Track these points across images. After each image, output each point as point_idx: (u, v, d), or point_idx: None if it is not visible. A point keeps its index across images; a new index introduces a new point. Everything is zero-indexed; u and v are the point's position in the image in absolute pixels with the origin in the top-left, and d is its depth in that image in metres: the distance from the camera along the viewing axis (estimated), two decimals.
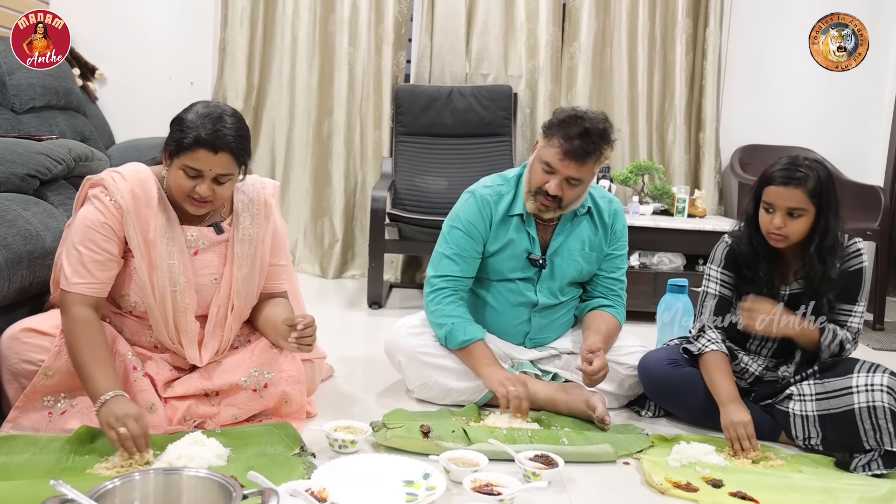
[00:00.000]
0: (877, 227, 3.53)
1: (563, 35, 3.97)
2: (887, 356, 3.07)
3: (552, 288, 2.20)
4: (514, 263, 2.18)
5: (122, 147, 3.54)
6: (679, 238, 3.44)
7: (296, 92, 3.96)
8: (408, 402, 2.17)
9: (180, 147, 1.70)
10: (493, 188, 2.19)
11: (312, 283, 3.80)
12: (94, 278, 1.72)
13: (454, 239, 2.17)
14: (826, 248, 1.88)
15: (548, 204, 2.06)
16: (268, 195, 1.95)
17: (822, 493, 1.66)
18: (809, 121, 4.01)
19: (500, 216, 2.16)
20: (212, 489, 1.32)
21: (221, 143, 1.69)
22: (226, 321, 1.87)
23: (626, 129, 4.00)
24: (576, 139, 1.97)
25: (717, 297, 2.05)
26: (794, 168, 1.86)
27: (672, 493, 1.65)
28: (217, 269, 1.86)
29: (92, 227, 1.72)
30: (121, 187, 1.74)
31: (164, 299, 1.78)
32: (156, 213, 1.76)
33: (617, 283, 2.25)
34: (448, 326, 2.10)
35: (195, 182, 1.72)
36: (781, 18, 3.98)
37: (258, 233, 1.90)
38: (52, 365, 1.71)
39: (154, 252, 1.76)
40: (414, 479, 1.60)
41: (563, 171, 2.01)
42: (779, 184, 1.86)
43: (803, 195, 1.85)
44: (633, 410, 2.20)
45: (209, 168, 1.70)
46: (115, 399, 1.59)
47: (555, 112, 2.10)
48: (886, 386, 1.81)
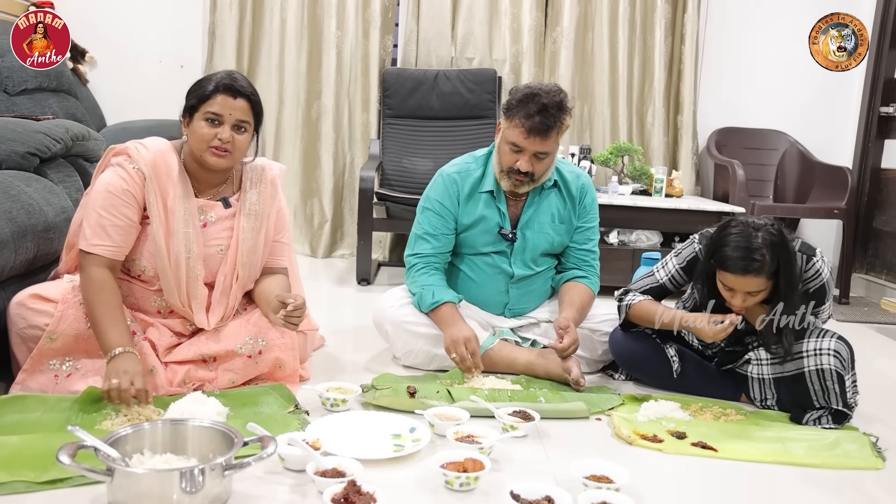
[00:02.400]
0: (843, 206, 3.68)
1: (545, 20, 4.08)
2: (851, 327, 3.23)
3: (525, 260, 2.32)
4: (486, 238, 2.30)
5: (113, 129, 3.60)
6: (657, 217, 3.58)
7: (285, 75, 4.04)
8: (395, 368, 2.29)
9: (202, 98, 1.85)
10: (460, 166, 2.30)
11: (303, 263, 3.88)
12: (113, 241, 1.83)
13: (426, 219, 2.29)
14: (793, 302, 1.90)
15: (521, 180, 2.18)
16: (275, 175, 2.08)
17: (775, 442, 1.81)
18: (782, 105, 4.16)
19: (467, 192, 2.27)
20: (215, 437, 1.44)
21: (240, 89, 1.86)
22: (231, 289, 1.99)
23: (606, 112, 4.12)
24: (536, 115, 2.07)
25: (660, 286, 2.15)
26: (749, 258, 1.80)
27: (639, 443, 1.78)
28: (224, 241, 1.98)
29: (114, 193, 1.83)
30: (144, 156, 1.87)
31: (179, 265, 1.89)
32: (175, 183, 1.88)
33: (589, 255, 2.37)
34: (419, 292, 2.23)
35: (217, 129, 1.84)
36: (757, 5, 4.11)
37: (264, 209, 2.02)
38: (56, 329, 1.82)
39: (172, 219, 1.88)
40: (401, 433, 1.73)
41: (529, 147, 2.11)
42: (737, 274, 1.83)
43: (762, 280, 1.84)
44: (606, 374, 2.34)
45: (229, 112, 1.85)
46: (122, 355, 1.71)
47: (510, 92, 2.19)
48: (833, 350, 1.93)
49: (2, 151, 2.18)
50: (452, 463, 1.51)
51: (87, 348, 1.84)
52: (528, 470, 1.63)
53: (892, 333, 3.21)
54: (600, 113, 4.12)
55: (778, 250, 1.83)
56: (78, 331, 1.83)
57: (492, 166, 2.26)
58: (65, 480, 1.40)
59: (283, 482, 1.49)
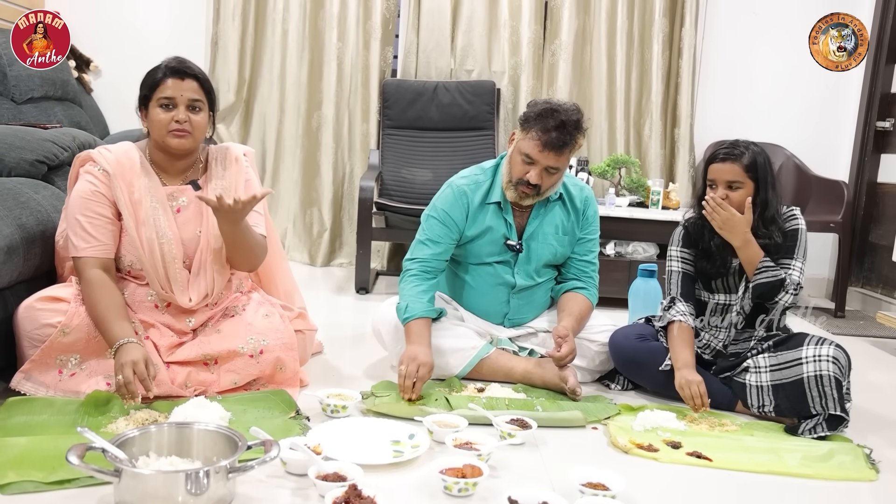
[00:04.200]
0: (840, 220, 3.72)
1: (544, 33, 4.13)
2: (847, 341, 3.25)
3: (528, 270, 2.35)
4: (492, 248, 2.33)
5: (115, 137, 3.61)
6: (653, 228, 3.61)
7: (286, 85, 4.09)
8: (393, 375, 2.29)
9: (153, 86, 1.94)
10: (470, 178, 2.33)
11: (301, 271, 3.94)
12: (98, 241, 1.91)
13: (429, 226, 2.31)
14: (767, 219, 2.13)
15: (528, 192, 2.21)
16: (238, 153, 2.14)
17: (769, 452, 1.84)
18: (779, 118, 4.20)
19: (476, 204, 2.30)
20: (219, 440, 1.47)
21: (186, 69, 1.95)
22: (208, 266, 2.03)
23: (604, 125, 4.17)
24: (553, 131, 2.11)
25: (681, 273, 2.26)
26: (732, 147, 2.14)
27: (634, 452, 1.81)
28: (199, 224, 2.03)
29: (86, 197, 1.93)
30: (107, 157, 1.97)
31: (153, 250, 1.96)
32: (139, 175, 1.97)
33: (589, 266, 2.41)
34: (400, 303, 2.23)
35: (172, 113, 1.92)
36: (754, 19, 4.17)
37: (230, 183, 2.08)
38: (70, 323, 1.86)
39: (139, 210, 1.96)
40: (400, 439, 1.76)
41: (542, 161, 2.16)
42: (719, 161, 2.13)
43: (739, 169, 2.10)
44: (603, 384, 2.37)
45: (181, 94, 1.93)
46: (127, 345, 1.77)
47: (529, 105, 2.24)
48: (832, 356, 1.99)
49: (11, 159, 2.22)
50: (451, 469, 1.54)
51: (95, 349, 1.89)
52: (526, 477, 1.66)
53: (888, 347, 3.24)
54: (598, 125, 4.16)
55: (756, 151, 2.13)
56: (89, 329, 1.88)
57: (500, 178, 2.29)
58: (73, 481, 1.43)
59: (286, 485, 1.52)
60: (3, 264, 1.86)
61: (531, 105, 2.22)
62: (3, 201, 1.97)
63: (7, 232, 1.89)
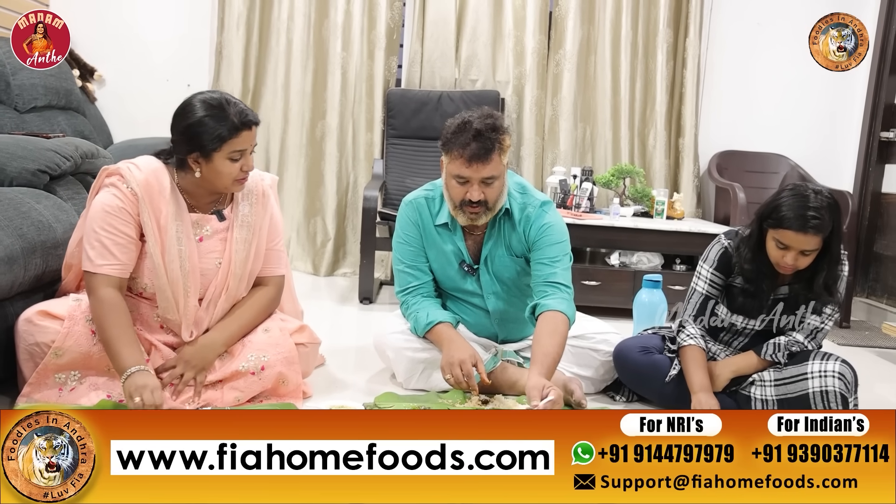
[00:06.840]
0: (844, 231, 3.69)
1: (549, 43, 4.13)
2: (852, 351, 3.24)
3: (498, 293, 2.26)
4: (451, 272, 2.27)
5: (120, 147, 3.63)
6: (658, 239, 3.59)
7: (290, 95, 4.09)
8: (397, 387, 2.30)
9: (221, 140, 1.84)
10: (422, 193, 2.28)
11: (305, 281, 3.92)
12: (117, 260, 1.85)
13: (402, 253, 2.29)
14: (829, 281, 2.00)
15: (476, 211, 2.11)
16: (266, 186, 2.10)
17: None
18: (783, 128, 4.19)
19: (427, 221, 2.25)
20: None
21: (253, 118, 1.90)
22: (218, 300, 2.01)
23: (608, 135, 4.16)
24: (472, 142, 2.02)
25: (704, 296, 2.15)
26: (808, 216, 1.88)
27: None
28: (221, 255, 2.00)
29: (111, 213, 1.86)
30: (136, 176, 1.89)
31: (176, 281, 1.92)
32: (168, 202, 1.90)
33: (553, 273, 2.15)
34: (414, 316, 2.21)
35: (240, 162, 1.89)
36: (758, 30, 4.17)
37: (256, 221, 2.04)
38: (63, 345, 1.84)
39: (165, 237, 1.90)
40: None
41: (474, 175, 2.05)
42: (796, 230, 1.89)
43: (818, 239, 1.91)
44: (608, 395, 2.35)
45: (250, 144, 1.91)
46: (138, 373, 1.74)
47: (444, 127, 2.13)
48: (838, 372, 1.98)
49: (13, 169, 2.22)
50: None
51: (92, 365, 1.87)
52: None
53: (893, 358, 3.22)
54: (602, 135, 4.16)
55: (833, 212, 1.91)
56: (83, 348, 1.85)
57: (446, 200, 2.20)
58: None
59: None
60: (3, 274, 1.85)
61: (446, 126, 2.13)
62: (4, 211, 1.96)
63: (7, 242, 1.88)
